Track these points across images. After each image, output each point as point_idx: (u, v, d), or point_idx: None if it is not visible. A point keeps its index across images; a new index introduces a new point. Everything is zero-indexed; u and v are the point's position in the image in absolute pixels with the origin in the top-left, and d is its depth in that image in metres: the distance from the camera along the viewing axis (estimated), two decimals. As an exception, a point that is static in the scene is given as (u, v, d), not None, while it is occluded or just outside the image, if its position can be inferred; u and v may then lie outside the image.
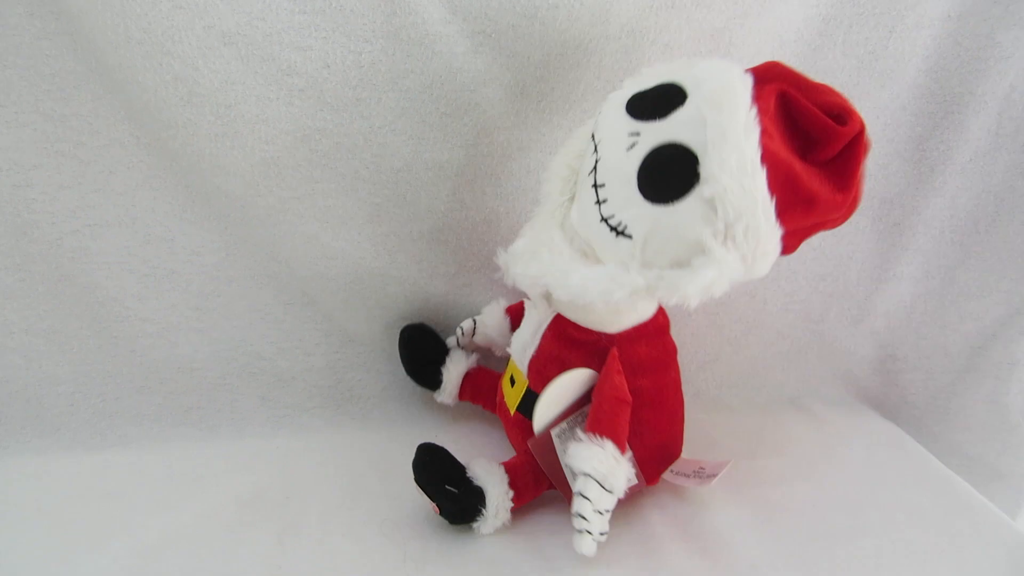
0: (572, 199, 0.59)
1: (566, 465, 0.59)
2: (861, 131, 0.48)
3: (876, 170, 0.76)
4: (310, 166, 0.67)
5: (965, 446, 0.85)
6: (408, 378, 0.76)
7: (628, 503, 0.65)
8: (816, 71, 0.61)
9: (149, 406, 0.74)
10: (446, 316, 0.78)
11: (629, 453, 0.58)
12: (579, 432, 0.57)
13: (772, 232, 0.48)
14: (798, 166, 0.48)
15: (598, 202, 0.53)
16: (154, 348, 0.74)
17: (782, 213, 0.47)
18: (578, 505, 0.55)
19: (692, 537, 0.62)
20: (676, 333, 0.65)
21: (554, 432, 0.61)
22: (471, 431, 0.76)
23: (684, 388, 0.66)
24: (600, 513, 0.55)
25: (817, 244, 0.79)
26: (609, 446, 0.56)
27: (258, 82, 0.63)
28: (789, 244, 0.50)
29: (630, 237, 0.51)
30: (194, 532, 0.60)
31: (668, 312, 0.65)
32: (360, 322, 0.77)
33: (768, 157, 0.46)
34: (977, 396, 0.84)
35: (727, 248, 0.47)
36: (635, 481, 0.61)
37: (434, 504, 0.60)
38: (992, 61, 0.71)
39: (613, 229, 0.52)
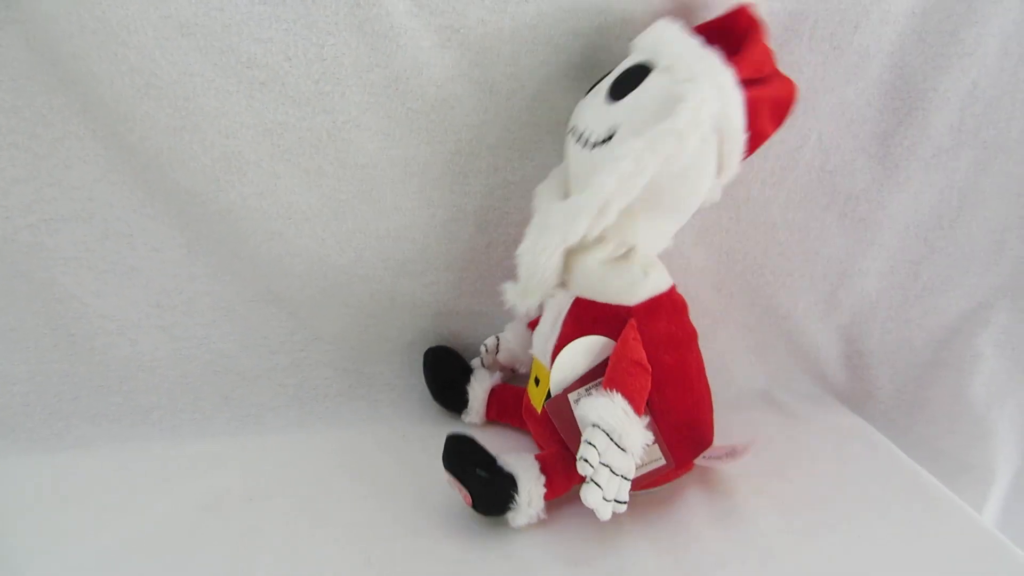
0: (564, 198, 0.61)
1: (580, 419, 0.58)
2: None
3: (841, 166, 0.76)
4: (272, 161, 0.66)
5: (931, 439, 0.86)
6: (368, 375, 0.75)
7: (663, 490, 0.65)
8: (782, 66, 0.61)
9: (108, 406, 0.73)
10: (412, 315, 0.77)
11: (647, 419, 0.57)
12: (594, 392, 0.57)
13: (727, 70, 0.55)
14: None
15: (584, 143, 0.58)
16: (113, 346, 0.73)
17: (728, 59, 0.55)
18: (583, 450, 0.54)
19: (659, 534, 0.61)
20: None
21: (571, 396, 0.60)
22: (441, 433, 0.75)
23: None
24: (612, 472, 0.54)
25: (783, 239, 0.79)
26: (618, 398, 0.55)
27: (217, 74, 0.62)
28: (752, 111, 0.56)
29: (616, 132, 0.56)
30: (153, 537, 0.59)
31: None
32: (326, 320, 0.76)
33: (698, 31, 0.58)
34: (942, 389, 0.85)
35: (696, 85, 0.54)
36: (661, 460, 0.61)
37: (465, 493, 0.59)
38: (955, 58, 0.72)
39: (603, 142, 0.56)
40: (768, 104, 0.59)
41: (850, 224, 0.79)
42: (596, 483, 0.53)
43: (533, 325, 0.73)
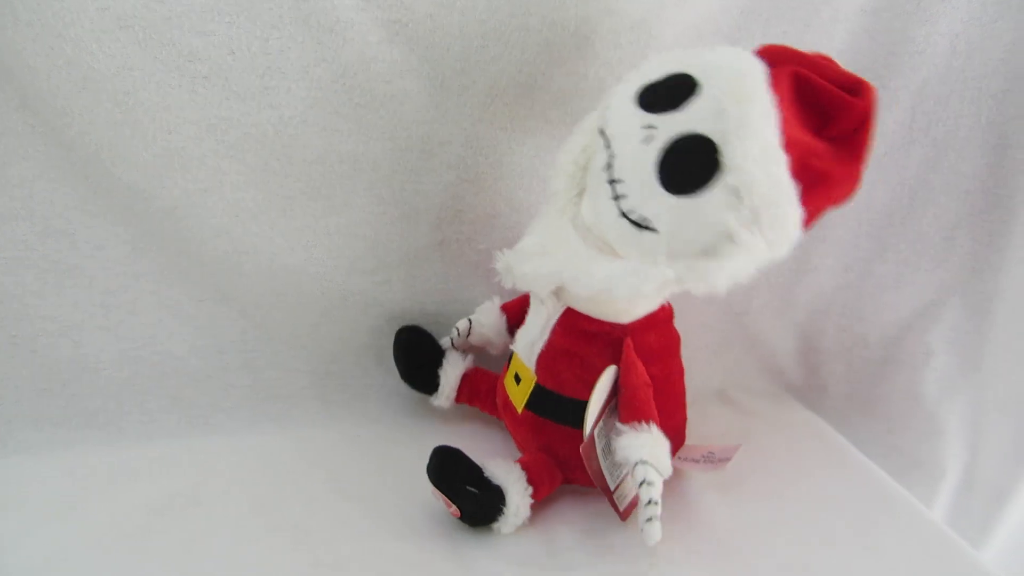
0: (580, 195, 0.58)
1: (609, 459, 0.58)
2: (874, 102, 0.50)
3: (795, 163, 0.77)
4: (217, 157, 0.65)
5: (884, 435, 0.87)
6: (320, 374, 0.74)
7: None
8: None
9: (51, 409, 0.71)
10: (365, 314, 0.76)
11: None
12: (618, 424, 0.58)
13: (796, 216, 0.49)
14: (814, 146, 0.49)
15: (615, 197, 0.52)
16: (56, 348, 0.70)
17: (802, 196, 0.49)
18: (646, 492, 0.55)
19: (603, 535, 0.61)
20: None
21: (596, 432, 0.60)
22: (395, 434, 0.75)
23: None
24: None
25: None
26: (655, 429, 0.56)
27: (158, 68, 0.60)
28: (805, 223, 0.51)
29: (654, 231, 0.51)
30: (97, 543, 0.57)
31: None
32: (277, 319, 0.75)
33: (788, 144, 0.47)
34: (895, 386, 0.86)
35: (753, 234, 0.48)
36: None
37: (453, 508, 0.58)
38: (905, 56, 0.72)
39: (635, 224, 0.51)
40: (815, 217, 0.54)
41: (804, 221, 0.80)
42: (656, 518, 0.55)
43: (507, 307, 0.73)
